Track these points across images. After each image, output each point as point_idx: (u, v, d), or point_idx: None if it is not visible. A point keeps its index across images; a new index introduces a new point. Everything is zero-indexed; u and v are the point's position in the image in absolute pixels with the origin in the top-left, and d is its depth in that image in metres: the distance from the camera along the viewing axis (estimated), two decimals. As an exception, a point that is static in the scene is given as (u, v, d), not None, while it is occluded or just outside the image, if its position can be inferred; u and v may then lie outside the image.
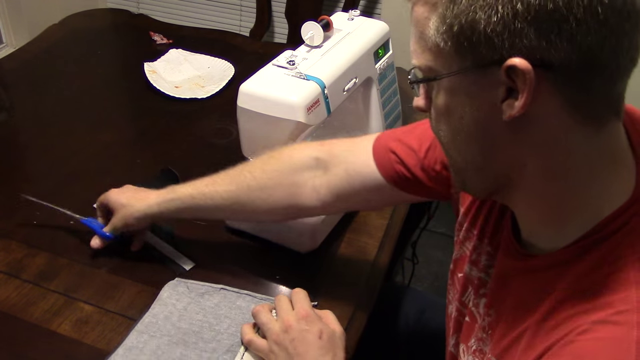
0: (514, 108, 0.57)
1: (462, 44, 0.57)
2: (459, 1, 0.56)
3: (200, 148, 1.33)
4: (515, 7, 0.53)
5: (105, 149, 1.32)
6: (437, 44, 0.59)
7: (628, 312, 0.57)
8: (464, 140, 0.63)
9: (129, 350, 0.90)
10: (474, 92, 0.59)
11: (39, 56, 1.63)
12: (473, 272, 0.79)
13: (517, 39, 0.54)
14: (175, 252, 1.07)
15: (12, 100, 1.49)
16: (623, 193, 0.61)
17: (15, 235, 1.08)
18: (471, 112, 0.60)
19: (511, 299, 0.69)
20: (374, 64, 1.17)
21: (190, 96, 1.48)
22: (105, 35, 1.81)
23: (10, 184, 1.21)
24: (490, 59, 0.56)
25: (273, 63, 1.04)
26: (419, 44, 0.61)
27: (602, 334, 0.57)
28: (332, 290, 1.02)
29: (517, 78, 0.55)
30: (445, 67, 0.60)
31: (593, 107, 0.58)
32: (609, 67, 0.56)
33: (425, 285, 2.10)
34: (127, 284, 1.01)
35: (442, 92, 0.62)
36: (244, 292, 0.98)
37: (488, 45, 0.55)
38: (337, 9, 2.39)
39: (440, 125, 0.65)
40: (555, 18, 0.53)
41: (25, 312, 0.95)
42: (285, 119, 0.98)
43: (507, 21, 0.54)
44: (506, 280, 0.71)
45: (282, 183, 0.94)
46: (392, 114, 1.25)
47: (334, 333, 0.87)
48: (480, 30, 0.55)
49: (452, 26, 0.57)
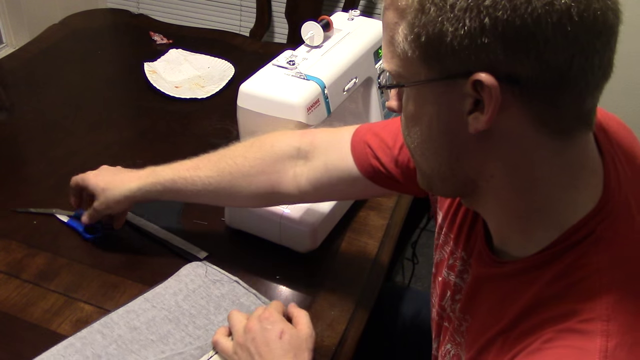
0: (479, 122, 0.56)
1: (429, 54, 0.56)
2: (427, 11, 0.55)
3: (200, 148, 1.33)
4: (482, 22, 0.52)
5: (105, 149, 1.32)
6: (405, 51, 0.58)
7: (593, 321, 0.57)
8: (430, 148, 0.63)
9: (127, 313, 0.94)
10: (441, 103, 0.59)
11: (39, 56, 1.63)
12: (450, 277, 0.79)
13: (483, 53, 0.53)
14: (187, 243, 1.08)
15: (12, 100, 1.49)
16: (590, 201, 0.61)
17: (15, 235, 1.08)
18: (438, 121, 0.60)
19: (484, 305, 0.69)
20: (374, 64, 1.17)
21: (190, 96, 1.48)
22: (105, 35, 1.81)
23: (10, 184, 1.21)
24: (456, 72, 0.55)
25: (273, 63, 1.04)
26: (389, 48, 0.61)
27: (567, 343, 0.57)
28: (332, 290, 1.02)
29: (483, 92, 0.55)
30: (412, 75, 0.59)
31: (561, 122, 0.57)
32: (578, 85, 0.55)
33: (425, 285, 2.10)
34: (127, 284, 1.01)
35: (411, 99, 0.61)
36: (252, 291, 0.99)
37: (454, 58, 0.55)
38: (337, 9, 2.39)
39: (408, 130, 0.64)
40: (523, 35, 0.52)
41: (25, 312, 0.95)
42: (285, 119, 0.98)
43: (473, 35, 0.53)
44: (479, 286, 0.71)
45: (264, 171, 0.94)
46: (392, 114, 1.25)
47: (297, 334, 0.87)
48: (447, 42, 0.54)
49: (420, 36, 0.56)
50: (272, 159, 0.94)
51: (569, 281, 0.59)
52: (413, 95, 0.61)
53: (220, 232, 1.12)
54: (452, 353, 0.75)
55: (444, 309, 0.80)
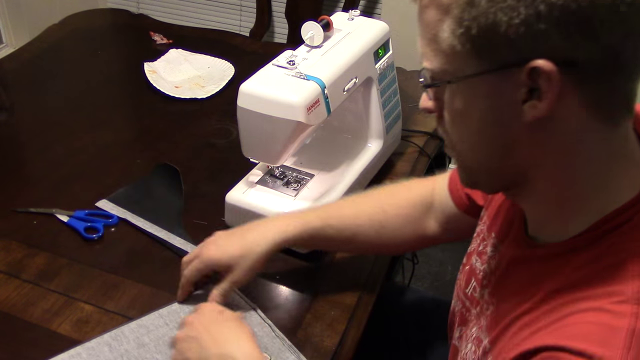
0: (537, 109, 0.57)
1: (480, 46, 0.57)
2: (477, 3, 0.55)
3: (200, 148, 1.33)
4: (537, 9, 0.53)
5: (105, 149, 1.32)
6: (452, 46, 0.58)
7: (624, 303, 0.57)
8: (480, 142, 0.63)
9: (139, 327, 0.92)
10: (492, 95, 0.59)
11: (39, 56, 1.63)
12: (477, 264, 0.81)
13: (539, 40, 0.54)
14: (187, 243, 1.07)
15: (12, 100, 1.49)
16: (630, 190, 0.62)
17: (15, 235, 1.08)
18: (490, 113, 0.60)
19: (512, 288, 0.70)
20: (374, 64, 1.17)
21: (190, 96, 1.48)
22: (105, 35, 1.81)
23: (10, 184, 1.21)
24: (511, 61, 0.56)
25: (273, 63, 1.04)
26: (430, 47, 0.61)
27: (595, 319, 0.58)
28: (332, 290, 1.02)
29: (540, 79, 0.55)
30: (461, 70, 0.59)
31: (611, 106, 0.58)
32: (629, 65, 0.56)
33: (425, 285, 2.10)
34: (127, 284, 1.01)
35: (459, 94, 0.61)
36: (267, 322, 0.94)
37: (509, 48, 0.55)
38: (337, 9, 2.39)
39: (455, 127, 0.64)
40: (579, 18, 0.53)
41: (25, 312, 0.95)
42: (285, 119, 0.98)
43: (529, 23, 0.53)
44: (510, 269, 0.72)
45: (408, 220, 0.99)
46: (392, 114, 1.25)
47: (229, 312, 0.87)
48: (501, 32, 0.55)
49: (470, 29, 0.56)
50: (413, 208, 0.99)
51: (603, 264, 0.60)
52: (461, 91, 0.61)
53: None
54: (474, 336, 0.76)
55: (468, 296, 0.82)
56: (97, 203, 1.15)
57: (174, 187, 1.19)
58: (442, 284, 2.12)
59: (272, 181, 1.12)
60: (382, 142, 1.22)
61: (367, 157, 1.20)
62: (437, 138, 1.38)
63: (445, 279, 2.14)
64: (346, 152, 1.21)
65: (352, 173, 1.16)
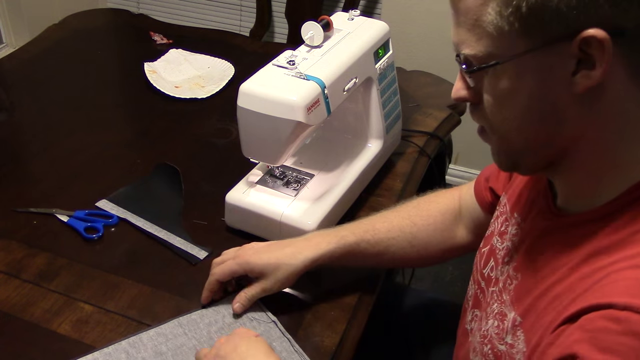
0: (590, 79, 0.58)
1: (531, 23, 0.58)
2: None
3: (200, 148, 1.33)
4: None
5: (105, 149, 1.32)
6: (500, 27, 0.59)
7: None
8: (528, 121, 0.64)
9: (157, 335, 0.91)
10: (541, 70, 0.60)
11: (39, 56, 1.63)
12: (497, 244, 0.81)
13: (591, 9, 0.55)
14: (187, 243, 1.07)
15: (12, 100, 1.49)
16: None
17: (15, 235, 1.08)
18: (538, 90, 0.61)
19: (542, 258, 0.70)
20: (374, 64, 1.17)
21: (190, 96, 1.48)
22: (105, 35, 1.81)
23: (10, 184, 1.21)
24: (561, 34, 0.57)
25: (273, 63, 1.04)
26: (473, 32, 0.62)
27: (635, 275, 0.58)
28: (332, 290, 1.02)
29: (592, 48, 0.56)
30: (510, 50, 0.60)
31: None
32: None
33: (425, 285, 2.10)
34: (127, 284, 1.01)
35: (505, 75, 0.62)
36: (287, 336, 0.92)
37: (560, 21, 0.56)
38: (337, 9, 2.39)
39: (500, 110, 0.65)
40: None
41: (25, 312, 0.95)
42: (285, 119, 0.98)
43: None
44: (537, 242, 0.73)
45: (436, 228, 1.01)
46: (392, 114, 1.25)
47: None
48: (552, 7, 0.56)
49: (520, 7, 0.57)
50: (442, 217, 1.01)
51: (635, 228, 0.61)
52: (508, 71, 0.62)
53: (220, 232, 1.12)
54: (495, 312, 0.76)
55: (485, 277, 0.83)
56: (97, 203, 1.15)
57: (174, 187, 1.20)
58: (442, 284, 2.12)
59: (272, 181, 1.12)
60: (382, 142, 1.22)
61: (367, 157, 1.20)
62: (437, 138, 1.38)
63: (445, 279, 2.14)
64: (346, 152, 1.21)
65: (352, 173, 1.16)
